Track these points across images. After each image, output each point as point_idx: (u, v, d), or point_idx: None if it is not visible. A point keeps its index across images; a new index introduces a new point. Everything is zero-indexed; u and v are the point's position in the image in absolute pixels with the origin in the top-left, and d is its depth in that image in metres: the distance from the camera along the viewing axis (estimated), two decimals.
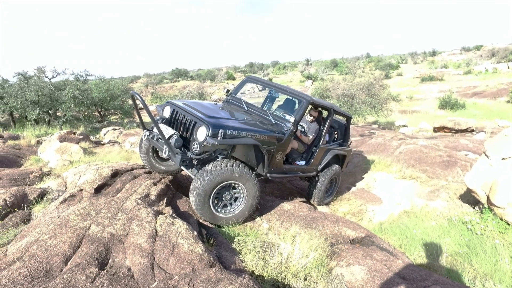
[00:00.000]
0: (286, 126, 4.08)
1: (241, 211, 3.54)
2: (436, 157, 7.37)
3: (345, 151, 5.70)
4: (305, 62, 53.16)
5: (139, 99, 2.95)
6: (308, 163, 4.82)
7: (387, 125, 16.66)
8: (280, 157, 4.05)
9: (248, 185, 3.46)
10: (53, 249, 2.31)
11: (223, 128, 3.30)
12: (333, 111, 4.91)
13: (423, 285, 2.67)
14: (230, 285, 2.08)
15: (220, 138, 3.23)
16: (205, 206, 3.27)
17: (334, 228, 3.83)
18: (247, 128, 3.57)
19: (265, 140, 3.71)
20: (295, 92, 4.59)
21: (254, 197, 3.55)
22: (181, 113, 3.66)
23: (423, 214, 5.11)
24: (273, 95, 5.30)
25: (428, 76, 32.71)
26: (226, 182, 3.31)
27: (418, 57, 54.98)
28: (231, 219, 3.49)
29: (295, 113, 4.28)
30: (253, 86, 29.25)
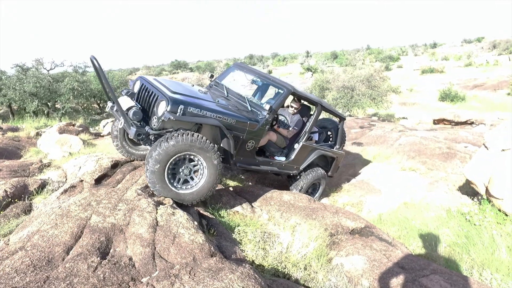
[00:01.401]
0: (261, 114, 3.88)
1: (201, 186, 3.23)
2: (435, 149, 7.39)
3: (335, 154, 5.35)
4: (305, 54, 52.81)
5: (96, 64, 2.78)
6: (288, 159, 4.57)
7: (387, 117, 16.64)
8: (251, 147, 3.84)
9: (208, 159, 3.18)
10: (55, 239, 2.33)
11: (184, 105, 3.12)
12: (320, 107, 4.64)
13: (422, 274, 2.70)
14: (231, 274, 2.10)
15: (179, 114, 3.06)
16: (160, 179, 3.02)
17: (333, 218, 3.85)
18: (213, 109, 3.39)
19: (232, 125, 3.51)
20: (277, 81, 4.42)
21: (215, 173, 3.24)
22: (147, 88, 3.50)
23: (422, 206, 5.14)
24: (257, 83, 4.95)
25: (428, 68, 32.57)
26: (183, 153, 3.06)
27: (419, 49, 54.68)
28: (193, 196, 3.21)
29: (273, 101, 4.09)
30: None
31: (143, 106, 3.48)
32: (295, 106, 4.81)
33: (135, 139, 3.26)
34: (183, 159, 3.16)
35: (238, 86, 4.43)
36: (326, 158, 5.39)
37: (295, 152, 4.58)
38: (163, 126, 3.16)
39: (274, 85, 4.44)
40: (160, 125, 3.13)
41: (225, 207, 3.83)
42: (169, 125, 3.18)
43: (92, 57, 2.83)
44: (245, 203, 4.03)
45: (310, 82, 25.64)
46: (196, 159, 3.19)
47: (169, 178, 3.11)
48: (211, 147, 3.18)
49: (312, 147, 4.86)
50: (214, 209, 3.67)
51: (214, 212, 3.56)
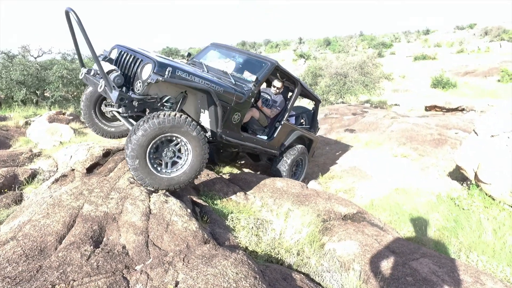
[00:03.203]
0: (247, 86, 3.82)
1: (186, 170, 3.02)
2: (427, 135, 7.47)
3: (312, 136, 5.51)
4: (298, 40, 52.33)
5: (75, 19, 2.49)
6: (270, 138, 4.57)
7: (380, 104, 16.71)
8: (237, 119, 3.79)
9: (192, 140, 2.97)
10: (47, 228, 2.31)
11: (172, 67, 2.96)
12: (300, 85, 4.68)
13: (412, 258, 2.76)
14: (224, 260, 2.12)
15: (167, 76, 2.89)
16: (142, 162, 2.79)
17: (326, 204, 3.90)
18: (201, 76, 3.25)
19: (220, 93, 3.41)
20: (260, 56, 4.36)
21: (201, 156, 3.05)
22: (128, 53, 3.25)
23: (413, 191, 5.22)
24: (237, 60, 4.71)
25: (421, 55, 32.61)
26: (166, 134, 2.86)
27: (412, 36, 54.56)
28: (176, 180, 2.98)
29: (258, 73, 4.00)
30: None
31: (123, 73, 3.18)
32: (277, 86, 4.78)
33: (116, 106, 2.97)
34: (163, 143, 2.94)
35: (217, 64, 4.27)
36: (304, 141, 5.45)
37: (276, 131, 4.58)
38: (147, 91, 2.96)
39: (256, 60, 4.34)
40: (145, 90, 2.91)
41: (218, 194, 3.84)
42: (154, 91, 3.02)
43: (68, 9, 2.54)
44: (238, 190, 4.04)
45: (303, 69, 25.51)
46: (176, 139, 2.97)
47: (152, 164, 2.89)
48: (191, 122, 2.95)
49: (292, 127, 4.92)
50: (207, 196, 3.68)
51: (207, 200, 3.56)
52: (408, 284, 2.46)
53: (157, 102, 3.10)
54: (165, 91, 3.10)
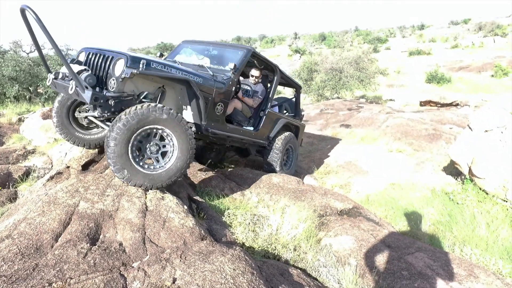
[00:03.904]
0: (226, 75, 3.72)
1: (172, 166, 2.83)
2: (422, 131, 7.52)
3: (298, 123, 5.41)
4: (293, 36, 52.18)
5: (34, 17, 2.28)
6: (257, 128, 4.49)
7: (375, 99, 16.77)
8: (220, 111, 3.68)
9: (178, 132, 2.80)
10: (42, 226, 2.30)
11: (146, 60, 2.85)
12: (279, 72, 4.58)
13: (407, 252, 2.79)
14: (222, 256, 2.13)
15: (141, 69, 2.77)
16: (124, 160, 2.61)
17: (322, 200, 3.92)
18: (177, 67, 3.15)
19: (200, 84, 3.30)
20: (234, 45, 4.30)
21: (188, 150, 2.86)
22: (97, 53, 3.06)
23: (409, 186, 5.27)
24: (211, 53, 4.52)
25: (416, 50, 32.70)
26: (149, 126, 2.68)
27: (407, 31, 54.63)
28: (161, 177, 2.79)
29: (236, 61, 3.89)
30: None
31: (94, 74, 2.97)
32: (255, 75, 4.65)
33: (91, 108, 2.81)
34: (147, 136, 2.77)
35: (191, 61, 4.14)
36: (290, 129, 5.40)
37: (262, 121, 4.51)
38: (122, 88, 2.81)
39: (231, 49, 4.22)
40: (120, 87, 2.77)
41: (215, 190, 3.84)
42: (130, 88, 2.88)
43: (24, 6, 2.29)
44: (234, 186, 4.05)
45: (298, 64, 25.46)
46: (161, 132, 2.80)
47: (135, 158, 2.69)
48: (177, 114, 2.81)
49: (277, 115, 4.87)
50: (203, 193, 3.68)
51: (203, 196, 3.57)
52: (403, 278, 2.49)
53: (134, 100, 2.95)
54: (141, 87, 2.97)
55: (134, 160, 2.68)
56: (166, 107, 2.75)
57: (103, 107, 2.79)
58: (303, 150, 7.40)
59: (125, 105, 2.86)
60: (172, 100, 3.26)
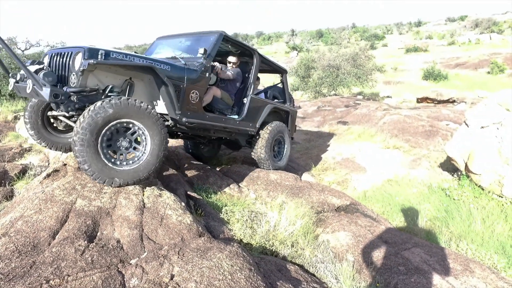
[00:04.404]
0: (197, 62, 3.55)
1: (146, 160, 2.74)
2: (418, 127, 7.55)
3: (288, 109, 5.15)
4: (290, 32, 52.06)
5: None
6: (241, 116, 4.25)
7: (372, 96, 16.81)
8: (196, 98, 3.50)
9: (149, 125, 2.71)
10: (39, 223, 2.29)
11: (105, 51, 2.74)
12: (257, 55, 4.33)
13: (404, 247, 2.81)
14: (219, 253, 2.13)
15: (100, 59, 2.67)
16: (93, 156, 2.48)
17: (320, 196, 3.93)
18: (141, 56, 3.03)
19: (168, 71, 3.16)
20: (206, 31, 4.07)
21: (161, 143, 2.78)
22: (59, 53, 2.96)
23: (405, 182, 5.29)
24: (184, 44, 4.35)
25: (413, 47, 32.78)
26: (119, 120, 2.58)
27: (404, 28, 54.68)
28: (134, 173, 2.70)
29: (207, 46, 3.71)
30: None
31: (58, 75, 2.89)
32: (232, 61, 4.40)
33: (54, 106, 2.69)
34: (117, 131, 2.67)
35: (167, 55, 3.99)
36: (280, 116, 5.19)
37: (246, 107, 4.29)
38: (85, 83, 2.69)
39: (203, 36, 4.04)
40: (81, 81, 2.65)
41: (212, 187, 3.85)
42: (93, 82, 2.76)
43: None
44: (232, 183, 4.05)
45: (295, 61, 25.43)
46: (132, 126, 2.70)
47: (105, 154, 2.58)
48: (147, 106, 2.71)
49: (262, 101, 4.65)
50: (201, 189, 3.68)
51: (201, 193, 3.57)
52: (400, 273, 2.51)
53: (100, 94, 2.82)
54: (106, 81, 2.84)
55: (105, 157, 2.57)
56: (130, 99, 2.64)
57: (65, 104, 2.68)
58: (300, 147, 7.42)
59: (90, 100, 2.74)
60: (143, 92, 3.14)
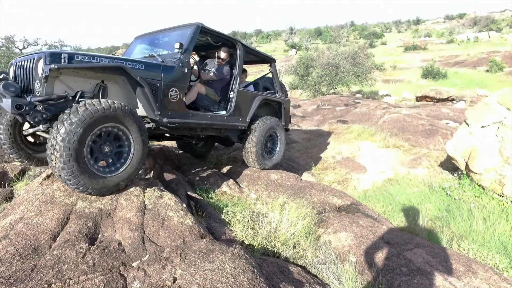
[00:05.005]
0: (174, 57, 3.37)
1: (129, 167, 2.65)
2: (418, 126, 7.55)
3: (279, 99, 4.90)
4: (289, 30, 51.98)
5: None
6: (229, 111, 4.05)
7: (371, 95, 16.80)
8: (176, 96, 3.31)
9: (134, 128, 2.63)
10: (40, 226, 2.27)
11: (68, 54, 2.55)
12: (241, 45, 4.14)
13: (406, 248, 2.80)
14: (222, 255, 2.12)
15: (63, 63, 2.50)
16: (77, 164, 2.30)
17: (321, 196, 3.92)
18: (110, 57, 2.86)
19: (141, 70, 2.99)
20: (182, 25, 3.84)
21: (143, 149, 2.71)
22: (22, 60, 2.76)
23: (406, 182, 5.29)
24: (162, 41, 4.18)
25: (411, 45, 32.78)
26: (106, 124, 2.46)
27: (402, 26, 54.73)
28: (118, 179, 2.59)
29: (183, 39, 3.52)
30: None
31: (23, 85, 2.71)
32: (222, 57, 4.18)
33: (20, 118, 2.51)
34: (99, 136, 2.52)
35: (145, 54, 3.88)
36: (272, 108, 4.97)
37: (233, 101, 4.08)
38: (51, 90, 2.49)
39: (180, 31, 3.83)
40: (47, 88, 2.45)
41: (213, 187, 3.83)
42: (61, 88, 2.55)
43: None
44: (232, 183, 4.04)
45: (294, 59, 25.39)
46: (115, 130, 2.57)
47: (90, 163, 2.43)
48: (131, 110, 2.61)
49: (251, 93, 4.41)
50: (201, 190, 3.66)
51: (202, 193, 3.55)
52: (402, 275, 2.50)
53: (70, 101, 2.60)
54: (75, 86, 2.63)
55: (89, 163, 2.42)
56: (122, 104, 2.54)
57: (32, 115, 2.45)
58: (300, 146, 7.40)
59: (59, 109, 2.55)
60: (118, 95, 2.95)
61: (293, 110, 11.03)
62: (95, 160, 2.52)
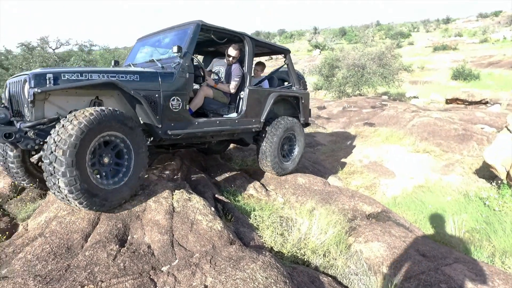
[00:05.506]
0: (174, 63, 3.10)
1: (129, 178, 2.49)
2: (451, 130, 7.20)
3: (296, 93, 4.48)
4: (313, 30, 51.38)
5: None
6: (240, 113, 3.74)
7: (398, 96, 16.27)
8: (178, 106, 3.05)
9: (134, 137, 2.49)
10: (72, 225, 2.30)
11: (53, 74, 2.36)
12: (249, 39, 3.78)
13: (444, 263, 2.64)
14: (252, 263, 2.06)
15: (49, 85, 2.30)
16: (79, 174, 2.13)
17: (350, 203, 3.79)
18: (101, 70, 2.63)
19: (136, 82, 2.77)
20: (183, 23, 3.53)
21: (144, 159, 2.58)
22: (14, 81, 2.60)
23: (438, 189, 5.04)
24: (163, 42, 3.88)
25: (441, 45, 31.50)
26: (106, 133, 2.30)
27: (431, 25, 52.79)
28: (120, 193, 2.45)
29: (182, 41, 3.25)
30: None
31: (15, 109, 2.60)
32: (232, 55, 3.85)
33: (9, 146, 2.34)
34: (99, 145, 2.37)
35: (150, 57, 3.64)
36: (290, 103, 4.57)
37: (244, 101, 3.74)
38: (41, 114, 2.34)
39: (180, 30, 3.54)
40: (36, 113, 2.31)
41: (239, 190, 3.78)
42: (52, 110, 2.38)
43: None
44: (259, 186, 3.98)
45: (318, 60, 25.04)
46: (114, 138, 2.41)
47: (92, 174, 2.28)
48: (131, 117, 2.49)
49: (263, 91, 4.05)
50: (228, 192, 3.62)
51: (228, 196, 3.51)
52: None
53: None
54: (68, 106, 2.45)
55: (91, 175, 2.26)
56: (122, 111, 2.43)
57: (23, 143, 2.31)
58: (326, 149, 7.24)
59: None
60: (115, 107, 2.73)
61: (318, 112, 10.84)
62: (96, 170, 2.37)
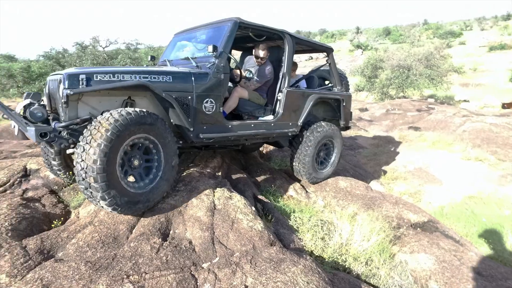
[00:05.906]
0: (209, 62, 2.99)
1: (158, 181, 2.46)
2: (509, 138, 6.63)
3: (337, 95, 4.20)
4: (355, 30, 49.91)
5: None
6: (276, 116, 3.56)
7: (446, 99, 15.32)
8: (212, 108, 2.95)
9: (165, 142, 2.44)
10: (118, 216, 2.39)
11: (86, 74, 2.35)
12: (289, 37, 3.57)
13: (505, 285, 2.40)
14: (293, 266, 2.01)
15: (82, 85, 2.31)
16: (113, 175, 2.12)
17: (394, 210, 3.60)
18: (134, 71, 2.59)
19: (169, 83, 2.70)
20: (219, 20, 3.38)
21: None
22: (52, 81, 2.64)
23: (493, 201, 4.64)
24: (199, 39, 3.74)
25: (498, 45, 29.19)
26: (137, 135, 2.27)
27: (487, 23, 48.99)
28: (148, 197, 2.39)
29: (218, 40, 3.13)
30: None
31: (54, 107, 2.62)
32: (260, 56, 3.60)
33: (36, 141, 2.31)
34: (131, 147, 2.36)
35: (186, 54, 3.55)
36: (330, 105, 4.32)
37: (281, 103, 3.57)
38: (74, 114, 2.35)
39: (216, 27, 3.39)
40: (69, 113, 2.33)
41: (279, 191, 3.74)
42: (85, 110, 2.40)
43: None
44: (299, 187, 3.91)
45: (360, 60, 24.28)
46: (137, 140, 2.34)
47: (123, 177, 2.24)
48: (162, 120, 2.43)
49: (303, 92, 3.84)
50: (268, 192, 3.59)
51: (268, 196, 3.47)
52: None
53: None
54: (100, 106, 2.47)
55: (121, 178, 2.22)
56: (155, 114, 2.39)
57: (57, 142, 2.33)
58: (368, 152, 6.97)
59: None
60: (149, 110, 2.67)
61: (360, 114, 10.49)
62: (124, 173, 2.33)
